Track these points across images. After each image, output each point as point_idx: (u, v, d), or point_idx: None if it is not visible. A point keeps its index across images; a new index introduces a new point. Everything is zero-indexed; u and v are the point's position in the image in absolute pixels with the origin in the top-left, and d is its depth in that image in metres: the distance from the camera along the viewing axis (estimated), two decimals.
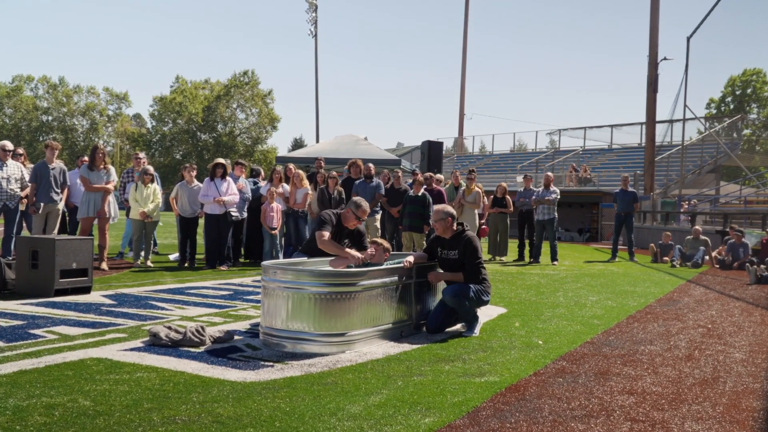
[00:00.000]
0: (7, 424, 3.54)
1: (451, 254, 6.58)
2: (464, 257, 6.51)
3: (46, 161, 10.80)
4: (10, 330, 6.01)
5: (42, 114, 70.95)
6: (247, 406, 3.97)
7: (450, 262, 6.60)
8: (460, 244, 6.55)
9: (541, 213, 14.93)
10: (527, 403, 4.21)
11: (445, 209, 6.70)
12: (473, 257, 6.49)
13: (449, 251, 6.60)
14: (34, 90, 72.11)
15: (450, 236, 6.62)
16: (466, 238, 6.56)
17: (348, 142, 20.94)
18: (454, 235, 6.61)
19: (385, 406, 4.04)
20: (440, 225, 6.62)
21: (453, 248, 6.58)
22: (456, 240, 6.59)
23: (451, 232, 6.63)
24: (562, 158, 38.26)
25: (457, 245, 6.56)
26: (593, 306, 8.46)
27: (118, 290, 8.71)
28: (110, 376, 4.54)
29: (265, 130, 72.52)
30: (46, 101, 71.81)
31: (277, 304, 5.55)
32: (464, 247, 6.52)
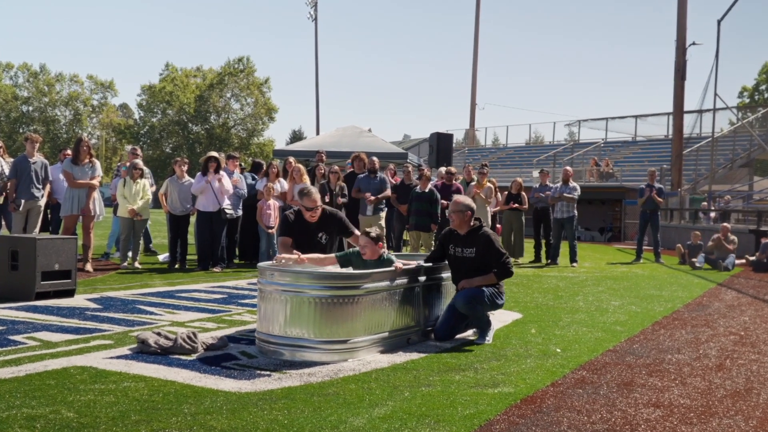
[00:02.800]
0: None
1: (467, 252, 6.47)
2: (487, 256, 6.41)
3: (27, 155, 10.83)
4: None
5: (22, 104, 71.12)
6: (242, 418, 3.98)
7: (465, 261, 6.48)
8: (478, 241, 6.44)
9: (559, 211, 14.88)
10: (544, 416, 4.21)
11: (465, 201, 6.62)
12: (499, 255, 6.41)
13: (464, 248, 6.49)
14: (13, 78, 72.29)
15: (465, 232, 6.53)
16: (484, 235, 6.47)
17: (351, 135, 20.93)
18: (470, 231, 6.52)
19: (390, 418, 4.05)
20: (457, 217, 6.52)
21: (469, 245, 6.46)
22: (472, 237, 6.48)
23: (467, 228, 6.52)
24: (581, 151, 38.18)
25: (474, 242, 6.45)
26: (616, 311, 8.45)
27: (103, 293, 8.73)
28: (95, 386, 4.56)
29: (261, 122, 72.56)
30: (26, 90, 71.99)
31: (275, 309, 5.55)
32: (485, 246, 6.42)
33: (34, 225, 10.87)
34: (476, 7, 49.94)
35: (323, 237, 6.99)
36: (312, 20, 52.00)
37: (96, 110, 75.05)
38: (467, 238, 6.50)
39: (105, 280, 10.08)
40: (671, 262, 16.01)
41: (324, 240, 6.98)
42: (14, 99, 70.47)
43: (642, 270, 14.31)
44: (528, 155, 41.41)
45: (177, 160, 12.42)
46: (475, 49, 50.30)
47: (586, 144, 40.42)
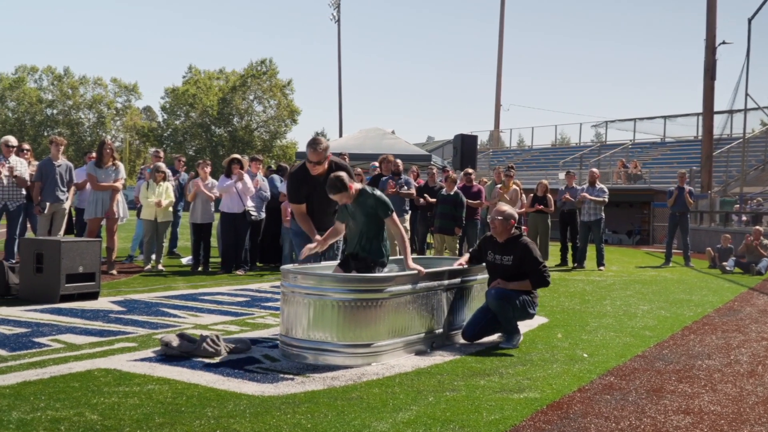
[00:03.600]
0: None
1: (505, 260, 6.53)
2: (524, 265, 6.44)
3: (51, 158, 10.96)
4: (13, 338, 6.11)
5: (46, 107, 71.98)
6: (266, 422, 4.00)
7: (502, 268, 6.54)
8: (516, 249, 6.49)
9: (586, 213, 14.77)
10: (571, 422, 4.18)
11: (510, 210, 6.67)
12: (536, 263, 6.45)
13: (503, 256, 6.55)
14: (38, 81, 73.18)
15: (504, 240, 6.57)
16: (523, 243, 6.52)
17: (374, 137, 20.97)
18: (510, 239, 6.56)
19: (414, 423, 4.04)
20: (500, 224, 6.54)
21: (507, 253, 6.52)
22: (511, 245, 6.54)
23: (506, 235, 6.56)
24: (609, 153, 37.87)
25: (512, 251, 6.50)
26: (644, 316, 8.38)
27: (127, 296, 8.81)
28: (119, 389, 4.60)
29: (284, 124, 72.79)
30: (51, 93, 72.83)
31: (298, 312, 5.57)
32: (523, 253, 6.46)
33: (58, 228, 10.99)
34: (501, 8, 49.79)
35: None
36: (335, 22, 52.26)
37: (120, 113, 75.73)
38: (506, 245, 6.55)
39: (129, 283, 10.18)
40: (701, 266, 15.85)
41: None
42: (39, 102, 71.32)
43: (671, 274, 14.17)
44: (554, 157, 41.14)
45: (200, 162, 12.51)
46: (500, 49, 50.15)
47: (614, 145, 40.10)
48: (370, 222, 6.07)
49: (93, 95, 74.01)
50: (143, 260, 12.21)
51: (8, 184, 10.63)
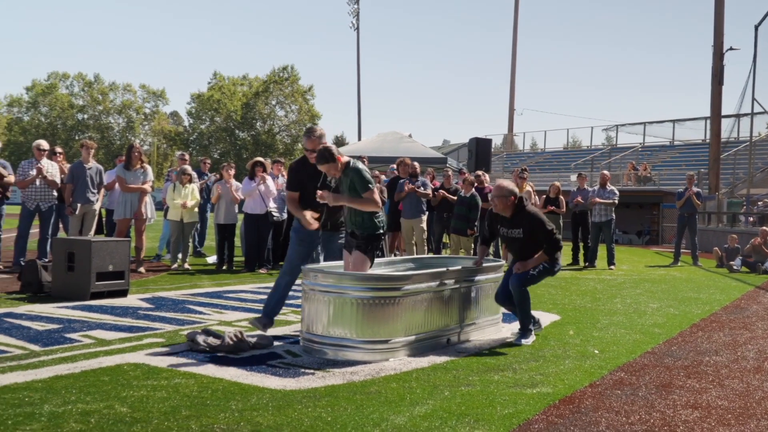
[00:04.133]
0: (42, 430, 3.64)
1: (515, 233, 6.51)
2: (535, 234, 6.42)
3: (82, 161, 11.05)
4: (45, 334, 6.16)
5: (77, 112, 72.60)
6: (287, 415, 4.00)
7: (515, 241, 6.55)
8: (524, 221, 6.45)
9: (597, 214, 14.72)
10: (583, 417, 4.16)
11: (508, 186, 6.55)
12: (546, 233, 6.39)
13: (512, 230, 6.53)
14: (69, 87, 73.84)
15: (510, 214, 6.51)
16: (529, 215, 6.47)
17: (391, 140, 20.95)
18: (515, 213, 6.50)
19: (431, 417, 4.04)
20: (500, 202, 6.48)
21: (516, 227, 6.49)
22: (518, 217, 6.49)
23: (511, 210, 6.50)
24: (619, 155, 37.66)
25: (520, 223, 6.47)
26: (654, 314, 8.32)
27: (155, 293, 8.86)
28: (147, 382, 4.63)
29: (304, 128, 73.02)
30: (82, 99, 73.45)
31: (318, 309, 5.58)
32: (531, 225, 6.42)
33: (89, 228, 11.07)
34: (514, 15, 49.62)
35: (332, 180, 6.32)
36: (354, 29, 52.29)
37: (148, 118, 76.21)
38: (513, 220, 6.51)
39: (156, 281, 10.23)
40: (709, 265, 15.71)
41: (334, 183, 6.32)
42: (70, 107, 71.94)
43: (680, 273, 14.06)
44: (566, 159, 40.96)
45: (224, 165, 12.57)
46: (513, 55, 49.97)
47: (624, 148, 39.87)
48: (355, 196, 5.89)
49: (122, 101, 74.56)
50: (170, 259, 12.27)
51: (40, 186, 10.73)
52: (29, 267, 8.68)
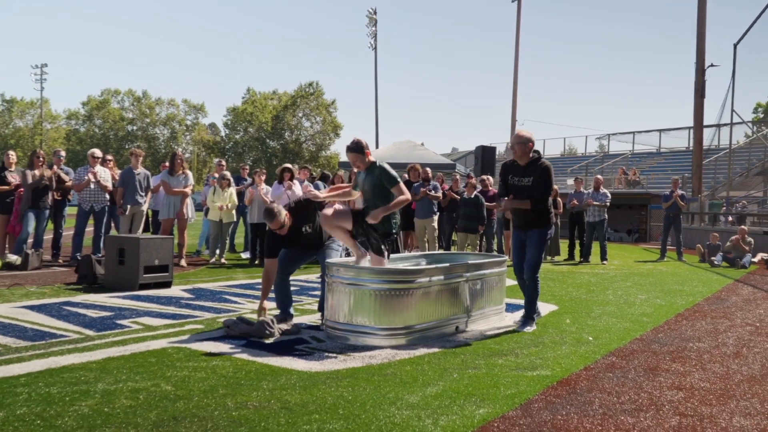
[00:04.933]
0: (96, 406, 3.67)
1: (525, 181, 6.23)
2: (536, 184, 6.17)
3: (132, 167, 11.12)
4: (99, 320, 6.21)
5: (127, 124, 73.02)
6: (313, 393, 4.01)
7: (522, 190, 6.24)
8: (535, 171, 6.17)
9: (591, 215, 14.67)
10: (578, 397, 4.13)
11: (526, 134, 6.30)
12: (544, 185, 6.16)
13: (522, 178, 6.24)
14: (120, 102, 74.28)
15: (525, 163, 6.26)
16: (542, 165, 6.19)
17: (406, 148, 20.92)
18: (530, 162, 6.24)
19: (441, 396, 4.03)
20: (519, 148, 6.21)
21: (527, 175, 6.21)
22: (531, 167, 6.21)
23: (526, 159, 6.24)
24: (611, 162, 37.39)
25: (532, 172, 6.19)
26: (642, 304, 8.25)
27: (195, 285, 8.90)
28: (189, 364, 4.65)
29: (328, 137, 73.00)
30: (131, 112, 73.87)
31: (340, 300, 5.58)
32: (540, 175, 6.15)
33: (138, 227, 11.14)
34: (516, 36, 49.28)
35: (307, 227, 6.23)
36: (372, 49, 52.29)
37: (189, 129, 76.51)
38: (526, 168, 6.24)
39: (196, 274, 10.28)
40: (692, 261, 15.56)
41: (309, 228, 6.23)
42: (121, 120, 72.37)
43: (666, 267, 13.93)
44: (562, 165, 40.67)
45: (257, 171, 12.61)
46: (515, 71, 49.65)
47: (615, 155, 39.58)
48: (377, 193, 5.80)
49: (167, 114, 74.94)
50: (209, 254, 12.33)
51: (94, 189, 10.81)
52: (85, 261, 8.76)
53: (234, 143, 73.39)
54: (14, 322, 5.99)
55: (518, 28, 49.38)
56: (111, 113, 72.07)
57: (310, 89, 72.12)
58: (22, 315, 6.32)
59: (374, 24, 52.29)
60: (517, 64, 50.10)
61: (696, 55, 25.07)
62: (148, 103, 74.13)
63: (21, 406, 3.63)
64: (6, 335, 5.43)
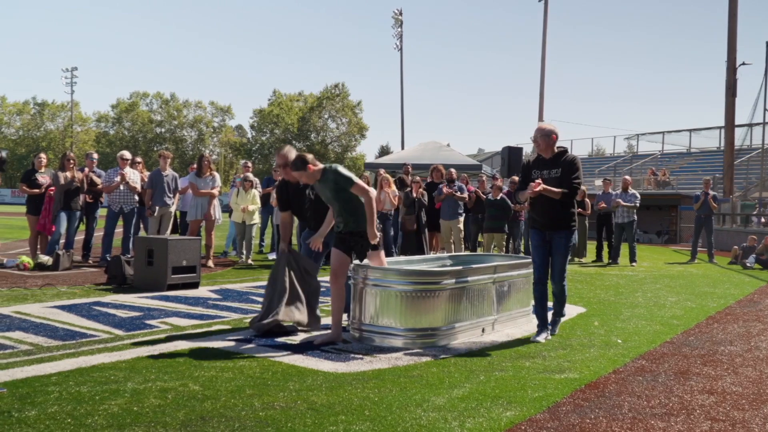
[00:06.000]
0: (126, 405, 3.71)
1: (552, 173, 5.94)
2: (566, 175, 5.90)
3: (160, 169, 11.25)
4: (128, 320, 6.30)
5: (156, 126, 74.04)
6: (339, 395, 4.02)
7: (550, 182, 5.94)
8: (564, 163, 5.93)
9: (620, 216, 14.50)
10: (607, 400, 4.09)
11: (549, 126, 6.06)
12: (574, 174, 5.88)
13: (550, 170, 5.96)
14: (149, 105, 75.38)
15: (550, 156, 6.01)
16: (570, 156, 5.99)
17: (432, 149, 20.90)
18: (557, 154, 6.00)
19: (468, 399, 4.01)
20: (543, 141, 5.97)
21: (554, 167, 5.95)
22: (558, 158, 5.97)
23: (551, 152, 6.00)
24: (640, 162, 36.93)
25: (559, 164, 5.94)
26: (672, 306, 8.14)
27: (222, 286, 8.98)
28: (216, 364, 4.69)
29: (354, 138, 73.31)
30: (160, 115, 74.89)
31: (366, 301, 5.59)
32: (570, 165, 5.90)
33: (166, 228, 11.26)
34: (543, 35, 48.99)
35: (311, 193, 6.21)
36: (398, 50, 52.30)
37: (216, 131, 77.31)
38: (553, 160, 5.99)
39: (223, 275, 10.36)
40: (723, 262, 15.31)
41: (312, 195, 6.18)
42: (150, 122, 73.40)
43: (696, 269, 13.72)
44: (590, 166, 40.28)
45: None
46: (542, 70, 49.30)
47: (644, 155, 39.08)
48: (340, 197, 5.53)
49: (194, 116, 75.83)
50: (236, 255, 12.42)
51: (123, 191, 10.96)
52: (114, 262, 8.88)
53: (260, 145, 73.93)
54: (46, 321, 6.09)
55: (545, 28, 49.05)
56: (140, 116, 73.12)
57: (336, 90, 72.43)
58: (53, 315, 6.43)
59: (400, 25, 52.27)
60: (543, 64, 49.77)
61: (727, 53, 24.70)
62: (176, 106, 75.06)
63: (52, 404, 3.69)
64: (38, 335, 5.52)
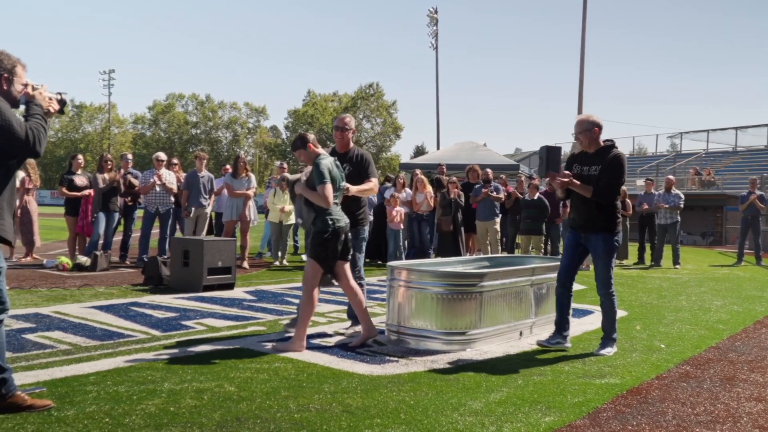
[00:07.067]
0: (163, 405, 3.77)
1: (592, 170, 5.45)
2: (603, 174, 5.38)
3: (196, 170, 11.41)
4: (165, 321, 6.40)
5: (191, 128, 75.08)
6: (374, 398, 4.02)
7: (587, 180, 5.46)
8: (606, 158, 5.39)
9: (663, 217, 14.23)
10: (650, 407, 4.02)
11: (590, 118, 5.55)
12: (612, 174, 5.35)
13: (590, 167, 5.47)
14: (184, 106, 76.47)
15: (594, 150, 5.51)
16: (614, 153, 5.41)
17: (468, 149, 20.79)
18: (601, 149, 5.49)
19: (505, 403, 3.98)
20: (584, 137, 5.49)
21: (595, 163, 5.44)
22: (601, 154, 5.45)
23: (596, 146, 5.50)
24: (683, 161, 36.24)
25: (601, 160, 5.41)
26: (718, 310, 7.97)
27: (257, 287, 9.06)
28: (252, 365, 4.74)
29: (389, 139, 73.36)
30: (195, 116, 75.93)
31: (402, 303, 5.59)
32: (609, 162, 5.36)
33: (202, 229, 11.41)
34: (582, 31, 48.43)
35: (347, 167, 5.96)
36: (433, 49, 52.16)
37: (251, 132, 78.09)
38: (595, 156, 5.49)
39: (259, 276, 10.45)
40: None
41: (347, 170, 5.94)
42: (185, 124, 74.48)
43: (743, 272, 13.41)
44: (632, 166, 39.59)
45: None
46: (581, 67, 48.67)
47: (688, 154, 38.34)
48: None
49: (229, 117, 76.68)
50: (271, 256, 12.52)
51: (159, 192, 11.13)
52: (151, 262, 9.03)
53: None
54: (84, 321, 6.23)
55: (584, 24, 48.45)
56: (176, 117, 74.22)
57: (371, 90, 72.56)
58: (91, 315, 6.57)
59: (435, 23, 52.12)
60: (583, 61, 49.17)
61: None
62: (211, 107, 76.00)
63: (90, 404, 3.77)
64: (76, 334, 5.65)
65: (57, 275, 9.64)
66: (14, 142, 3.31)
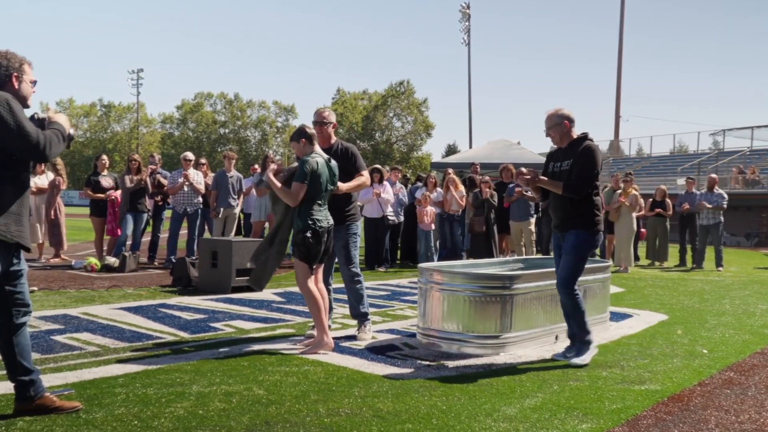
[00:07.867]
0: (191, 408, 3.81)
1: (564, 165, 5.19)
2: (573, 167, 5.12)
3: (225, 170, 11.52)
4: (193, 323, 6.47)
5: (220, 127, 75.83)
6: (405, 402, 4.02)
7: (559, 176, 5.22)
8: (575, 152, 5.15)
9: (705, 217, 13.94)
10: (692, 414, 3.95)
11: (558, 112, 5.28)
12: (582, 166, 5.08)
13: (562, 162, 5.22)
14: (213, 105, 77.25)
15: (567, 144, 5.27)
16: (584, 145, 5.15)
17: (501, 147, 20.71)
18: (573, 141, 5.25)
19: (540, 409, 3.95)
20: (555, 132, 5.27)
21: (568, 158, 5.19)
22: (573, 148, 5.20)
23: (568, 140, 5.26)
24: (726, 160, 35.60)
25: (572, 154, 5.17)
26: (763, 315, 7.80)
27: (286, 288, 9.11)
28: (281, 368, 4.77)
29: (420, 137, 73.23)
30: (223, 115, 76.66)
31: (433, 306, 5.58)
32: (579, 155, 5.11)
33: (230, 229, 11.52)
34: (620, 24, 47.91)
35: None
36: (465, 45, 52.02)
37: (280, 131, 78.58)
38: (568, 150, 5.25)
39: (287, 277, 10.50)
40: None
41: None
42: (214, 123, 75.24)
43: None
44: (672, 164, 39.11)
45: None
46: (619, 64, 48.25)
47: (731, 152, 37.63)
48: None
49: (258, 116, 77.28)
50: None
51: (187, 192, 11.26)
52: (179, 263, 9.14)
53: None
54: (113, 323, 6.32)
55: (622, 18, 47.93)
56: (204, 116, 75.01)
57: (401, 88, 72.50)
58: (119, 316, 6.67)
59: (467, 19, 51.97)
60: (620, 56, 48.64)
61: None
62: (240, 106, 76.66)
63: (119, 406, 3.82)
64: (105, 336, 5.74)
65: (85, 276, 9.81)
66: (26, 144, 3.37)
